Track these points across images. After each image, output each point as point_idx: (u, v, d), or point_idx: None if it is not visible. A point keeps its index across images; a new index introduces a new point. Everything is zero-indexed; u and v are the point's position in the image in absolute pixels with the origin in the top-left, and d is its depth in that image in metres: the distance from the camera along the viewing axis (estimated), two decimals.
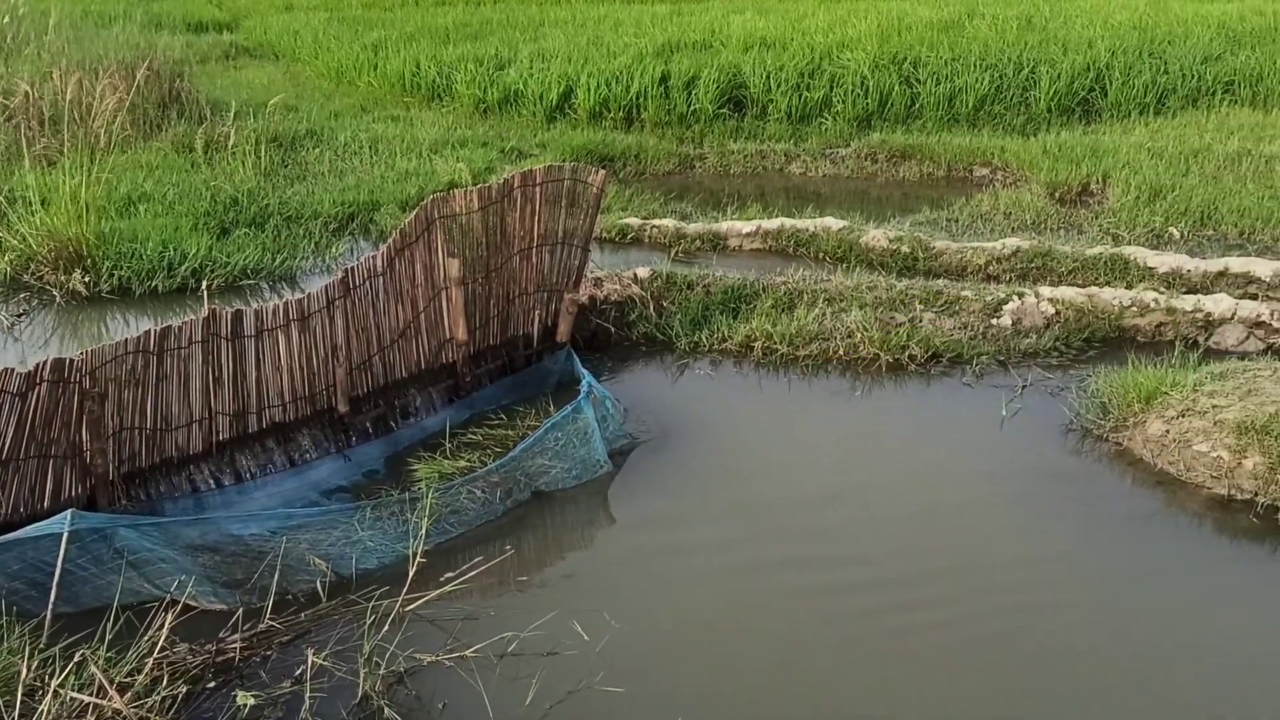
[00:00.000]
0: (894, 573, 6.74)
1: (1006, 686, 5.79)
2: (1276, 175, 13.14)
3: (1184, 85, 16.97)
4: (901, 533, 7.16)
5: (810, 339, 9.84)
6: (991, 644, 6.09)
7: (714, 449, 8.30)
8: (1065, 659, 5.95)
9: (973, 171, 15.55)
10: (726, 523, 7.36)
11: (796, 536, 7.16)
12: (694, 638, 6.24)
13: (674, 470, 8.00)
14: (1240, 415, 7.55)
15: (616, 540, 7.38)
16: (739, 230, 12.60)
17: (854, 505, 7.50)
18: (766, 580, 6.72)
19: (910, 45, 18.33)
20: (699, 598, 6.57)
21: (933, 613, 6.34)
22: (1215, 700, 5.61)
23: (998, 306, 10.17)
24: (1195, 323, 9.82)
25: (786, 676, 5.90)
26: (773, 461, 8.14)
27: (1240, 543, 6.94)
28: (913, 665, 5.93)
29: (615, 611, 6.31)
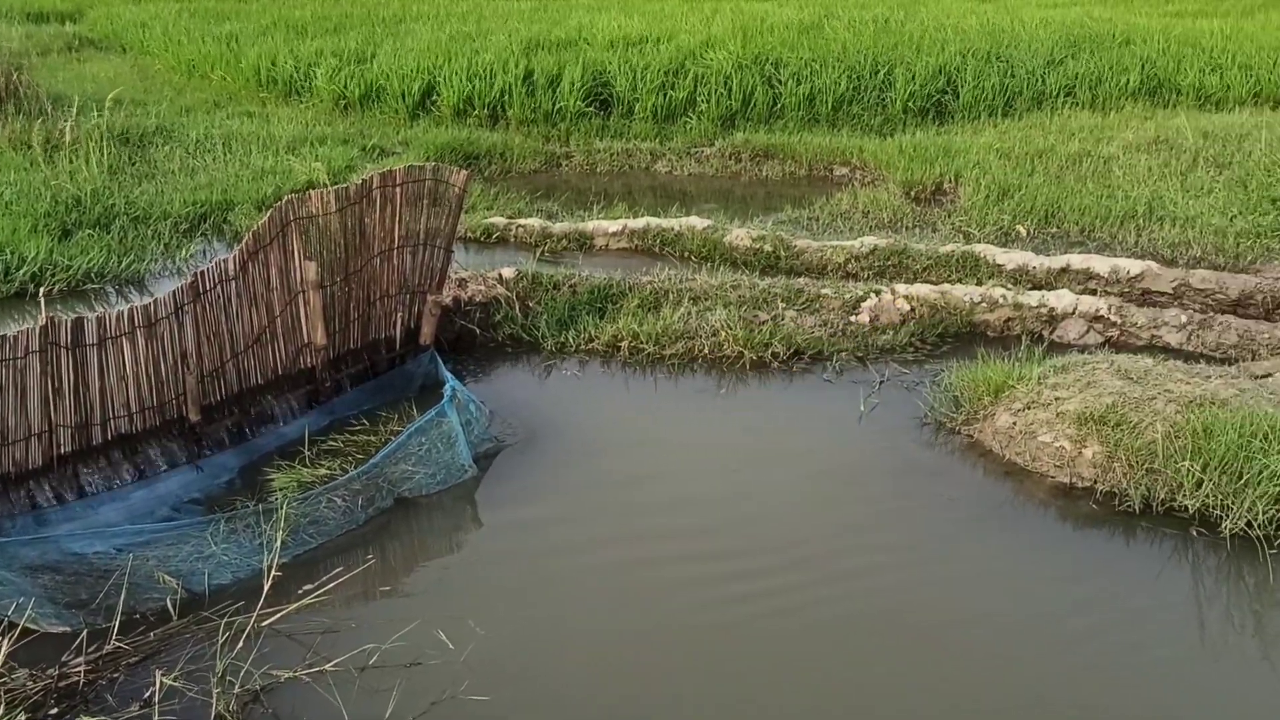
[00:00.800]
0: (759, 564, 6.85)
1: (862, 663, 5.97)
2: (1114, 175, 13.80)
3: (1029, 88, 17.69)
4: (764, 526, 7.29)
5: (676, 338, 9.92)
6: (850, 625, 6.25)
7: (581, 450, 8.29)
8: (915, 637, 6.15)
9: (833, 171, 15.91)
10: (593, 523, 7.37)
11: (664, 534, 7.21)
12: (561, 641, 6.22)
13: (540, 473, 7.96)
14: (1080, 406, 7.91)
15: (482, 546, 7.31)
16: (605, 229, 12.62)
17: (719, 501, 7.59)
18: (634, 579, 6.75)
19: (772, 46, 18.64)
20: (566, 600, 6.56)
21: (795, 599, 6.48)
22: (1049, 673, 5.86)
23: (856, 304, 10.43)
24: (1040, 318, 10.25)
25: (655, 674, 5.94)
26: (639, 461, 8.18)
27: (1081, 528, 7.26)
28: (776, 650, 6.04)
29: (481, 618, 6.24)
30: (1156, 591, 6.60)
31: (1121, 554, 6.99)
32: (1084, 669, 5.94)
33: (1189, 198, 12.83)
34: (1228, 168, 13.58)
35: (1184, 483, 7.19)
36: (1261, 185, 12.80)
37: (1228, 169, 13.55)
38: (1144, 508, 7.27)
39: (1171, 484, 7.25)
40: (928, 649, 6.11)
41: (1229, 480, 7.05)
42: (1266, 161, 13.34)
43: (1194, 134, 14.78)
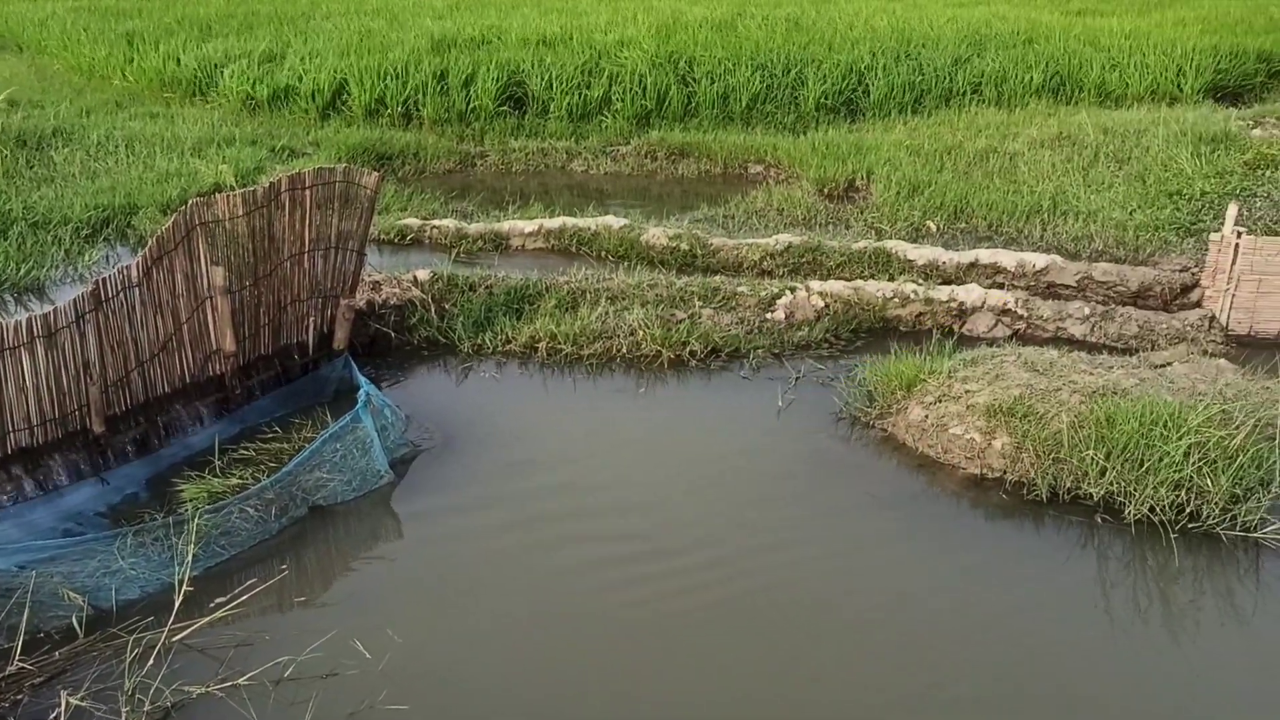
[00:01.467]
0: (681, 563, 6.88)
1: (780, 651, 6.05)
2: (1020, 171, 14.12)
3: (938, 86, 18.01)
4: (684, 524, 7.32)
5: (594, 338, 9.92)
6: (768, 616, 6.34)
7: (500, 453, 8.24)
8: (829, 624, 6.26)
9: (748, 169, 16.02)
10: (513, 526, 7.32)
11: (585, 537, 7.20)
12: (482, 645, 6.18)
13: (459, 477, 7.90)
14: (989, 399, 8.09)
15: (400, 552, 7.22)
16: (521, 230, 12.56)
17: (639, 502, 7.60)
18: (555, 581, 6.73)
19: (686, 45, 18.71)
20: (486, 604, 6.51)
21: (717, 595, 6.55)
22: (961, 655, 5.98)
23: (772, 301, 10.53)
24: (950, 312, 10.46)
25: (576, 673, 5.93)
26: (559, 463, 8.15)
27: (992, 518, 7.42)
28: (694, 645, 6.09)
29: (399, 626, 6.17)
30: (1065, 577, 6.77)
31: (1031, 542, 7.16)
32: (994, 652, 6.08)
33: (1091, 192, 13.19)
34: (1127, 163, 13.99)
35: (1089, 471, 7.39)
36: (1159, 180, 13.20)
37: (1127, 164, 13.95)
38: (1051, 496, 7.46)
39: (1077, 473, 7.45)
40: (842, 636, 6.20)
41: (1131, 468, 7.27)
42: (1163, 157, 13.77)
43: (1095, 130, 15.18)
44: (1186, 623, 6.33)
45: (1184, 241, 11.78)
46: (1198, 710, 5.65)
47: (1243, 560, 6.80)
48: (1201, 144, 13.94)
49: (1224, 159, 13.44)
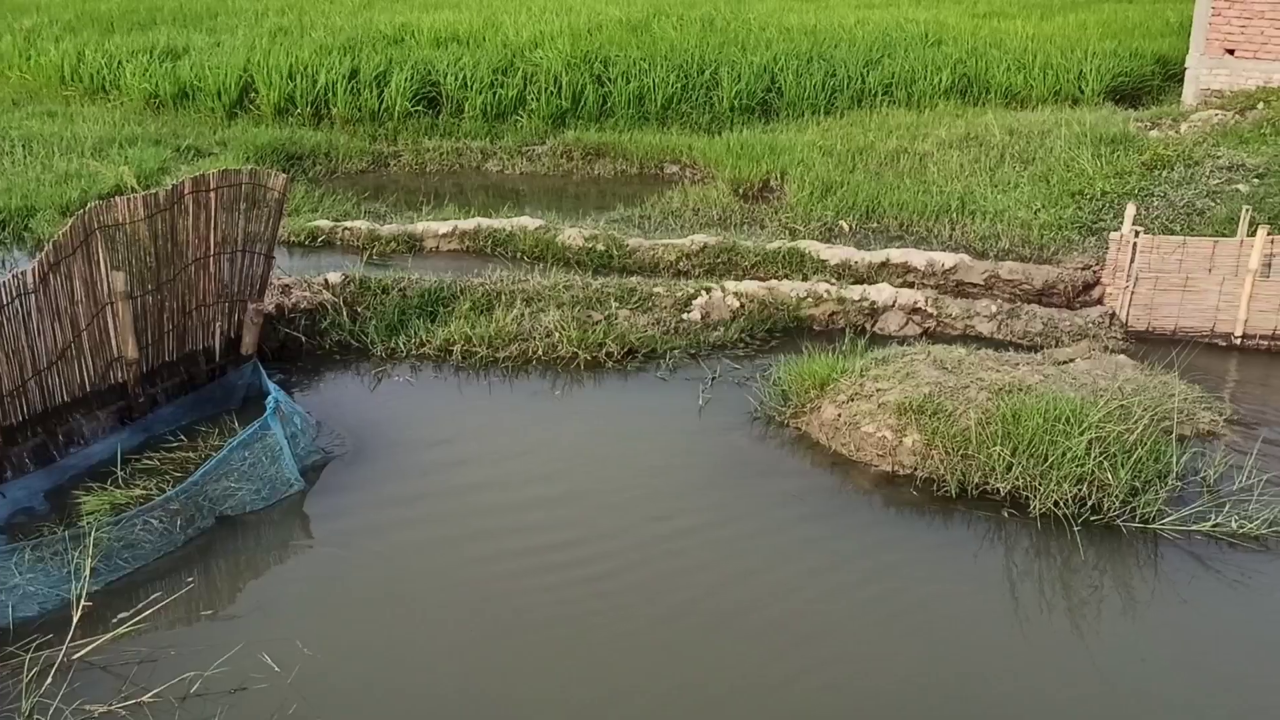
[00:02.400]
0: (598, 568, 6.86)
1: (695, 636, 6.07)
2: (929, 171, 14.38)
3: (849, 87, 18.25)
4: (599, 525, 7.32)
5: (510, 340, 9.86)
6: (684, 608, 6.36)
7: (414, 458, 8.15)
8: (741, 614, 6.28)
9: (664, 169, 16.08)
10: (426, 532, 7.25)
11: (499, 540, 7.16)
12: (393, 655, 6.09)
13: (372, 483, 7.79)
14: (900, 397, 8.22)
15: (311, 562, 7.08)
16: (435, 231, 12.43)
17: (556, 504, 7.58)
18: (468, 586, 6.67)
19: (601, 44, 18.70)
20: (399, 612, 6.43)
21: (633, 596, 6.55)
22: (875, 650, 6.08)
23: (688, 301, 10.57)
24: (862, 311, 10.61)
25: (489, 678, 5.88)
26: (474, 466, 8.09)
27: (903, 515, 7.54)
28: (611, 644, 6.08)
29: (309, 638, 6.07)
30: (973, 571, 6.91)
31: (941, 537, 7.29)
32: (905, 645, 6.18)
33: (998, 192, 13.48)
34: (1032, 163, 14.32)
35: (996, 467, 7.56)
36: (1062, 180, 13.55)
37: (1032, 165, 14.28)
38: (960, 492, 7.61)
39: (985, 468, 7.61)
40: (758, 633, 6.25)
41: (1036, 463, 7.45)
42: (1066, 157, 14.13)
43: (1001, 131, 15.51)
44: (1088, 613, 6.51)
45: (1086, 240, 12.10)
46: (1096, 697, 5.80)
47: (1142, 551, 7.01)
48: (1102, 145, 14.33)
49: (1123, 159, 13.84)
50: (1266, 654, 6.11)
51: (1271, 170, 12.98)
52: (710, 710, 5.76)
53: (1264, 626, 6.32)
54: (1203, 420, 8.48)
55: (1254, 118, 14.99)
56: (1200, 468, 7.74)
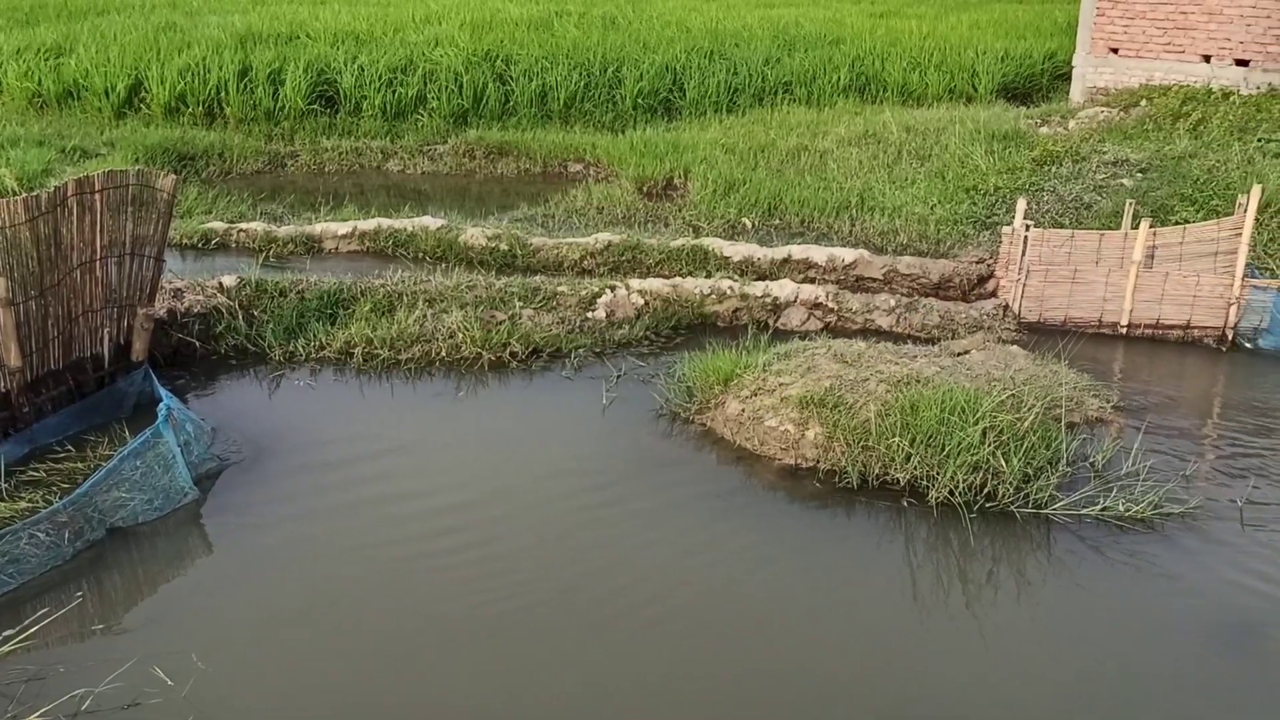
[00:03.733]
0: (502, 567, 6.80)
1: (601, 635, 6.07)
2: (829, 168, 14.60)
3: (751, 85, 18.45)
4: (503, 525, 7.26)
5: (412, 341, 9.74)
6: (589, 607, 6.33)
7: (313, 463, 8.00)
8: (647, 610, 6.29)
9: (567, 167, 16.04)
10: (326, 539, 7.10)
11: (404, 546, 7.04)
12: (290, 665, 5.97)
13: (269, 490, 7.62)
14: (802, 391, 8.32)
15: (206, 572, 6.89)
16: (334, 232, 12.21)
17: (460, 506, 7.50)
18: (370, 594, 6.56)
19: (502, 42, 18.59)
20: (297, 623, 6.29)
21: (538, 595, 6.49)
22: (777, 644, 6.15)
23: (592, 300, 10.56)
24: (765, 307, 10.72)
25: (395, 684, 5.80)
26: (376, 471, 7.96)
27: (807, 507, 7.63)
28: (517, 646, 6.03)
29: (205, 650, 5.90)
30: (874, 560, 7.02)
31: (843, 528, 7.39)
32: (806, 635, 6.26)
33: (896, 189, 13.75)
34: (928, 160, 14.64)
35: (895, 457, 7.70)
36: (957, 176, 13.87)
37: (928, 161, 14.60)
38: (861, 483, 7.73)
39: (885, 459, 7.75)
40: (664, 629, 6.27)
41: (933, 453, 7.61)
42: (960, 154, 14.47)
43: (899, 129, 15.82)
44: (984, 597, 6.67)
45: (980, 235, 12.42)
46: (992, 680, 5.95)
47: (1035, 536, 7.21)
48: (995, 141, 14.71)
49: (1014, 156, 14.23)
50: (1153, 631, 6.33)
51: (1154, 165, 13.47)
52: (623, 707, 5.75)
53: (1151, 605, 6.54)
54: (1091, 407, 8.76)
55: (1137, 114, 15.54)
56: (1089, 453, 7.99)
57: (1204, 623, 6.38)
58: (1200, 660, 6.11)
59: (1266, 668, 6.07)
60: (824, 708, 5.76)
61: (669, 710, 5.73)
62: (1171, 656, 6.15)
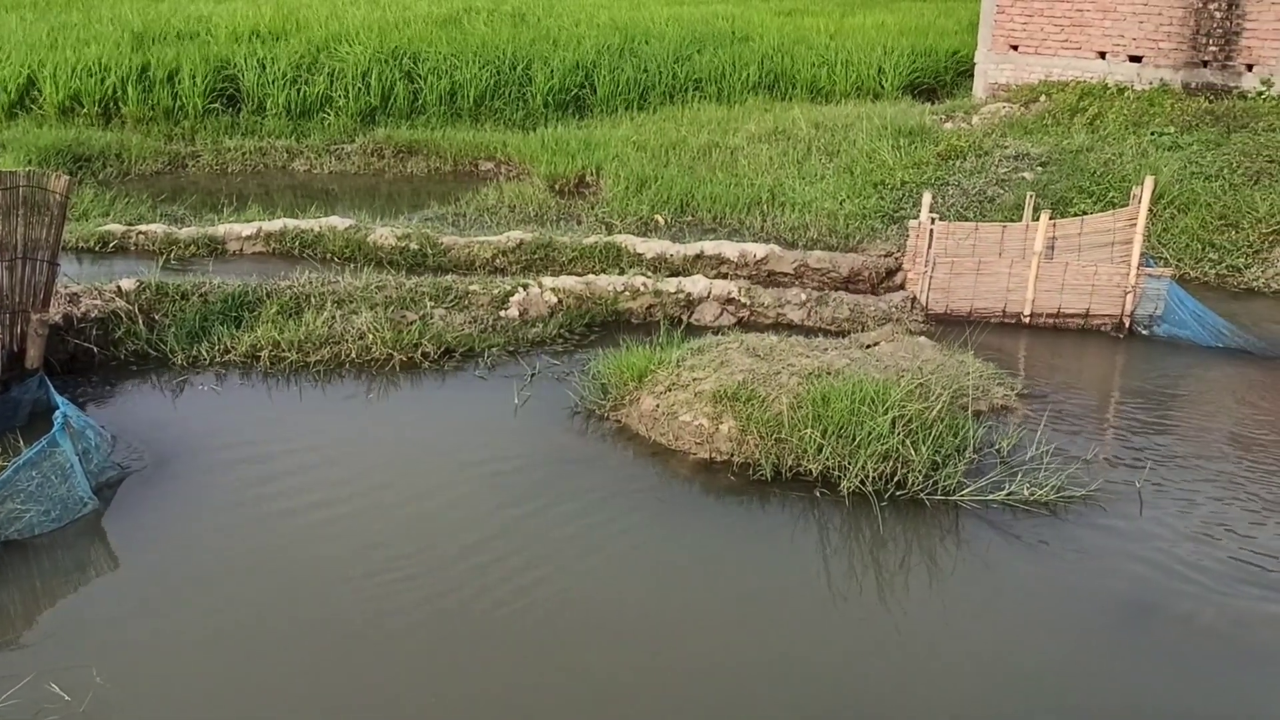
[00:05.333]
0: (413, 568, 6.70)
1: (522, 635, 6.01)
2: (740, 165, 14.72)
3: (661, 83, 18.51)
4: (413, 526, 7.16)
5: (321, 343, 9.57)
6: (506, 607, 6.28)
7: (217, 468, 7.80)
8: (567, 609, 6.27)
9: (478, 166, 15.92)
10: (232, 547, 6.92)
11: (308, 544, 6.91)
12: (194, 676, 5.80)
13: (172, 497, 7.41)
14: (715, 385, 8.36)
15: (106, 585, 6.67)
16: (238, 233, 11.94)
17: (370, 508, 7.37)
18: (275, 600, 6.41)
19: (409, 40, 18.37)
20: (201, 634, 6.12)
21: (452, 599, 6.42)
22: (692, 637, 6.17)
23: (505, 299, 10.49)
24: (678, 303, 10.75)
25: (306, 692, 5.68)
26: (285, 476, 7.79)
27: (721, 500, 7.67)
28: (428, 650, 5.95)
29: (105, 665, 5.71)
30: (788, 551, 7.08)
31: (758, 519, 7.44)
32: (722, 628, 6.29)
33: (805, 184, 13.91)
34: (837, 155, 14.85)
35: (808, 449, 7.77)
36: (865, 171, 14.10)
37: (837, 157, 14.81)
38: (775, 475, 7.79)
39: (797, 451, 7.82)
40: (583, 627, 6.25)
41: (844, 443, 7.70)
42: (868, 149, 14.71)
43: (808, 125, 16.02)
44: (896, 584, 6.77)
45: (888, 228, 12.63)
46: (905, 663, 6.04)
47: (944, 522, 7.34)
48: (901, 137, 14.99)
49: (920, 151, 14.50)
50: (1057, 612, 6.49)
51: (1053, 159, 13.85)
52: (533, 706, 5.71)
53: (1055, 585, 6.71)
54: (996, 395, 8.96)
55: (1037, 110, 15.95)
56: (995, 440, 8.16)
57: (1105, 600, 6.56)
58: (1102, 636, 6.28)
59: (1163, 640, 6.27)
60: (739, 700, 5.78)
61: (580, 708, 5.70)
62: (1075, 633, 6.30)
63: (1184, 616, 6.40)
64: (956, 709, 5.72)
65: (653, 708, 5.72)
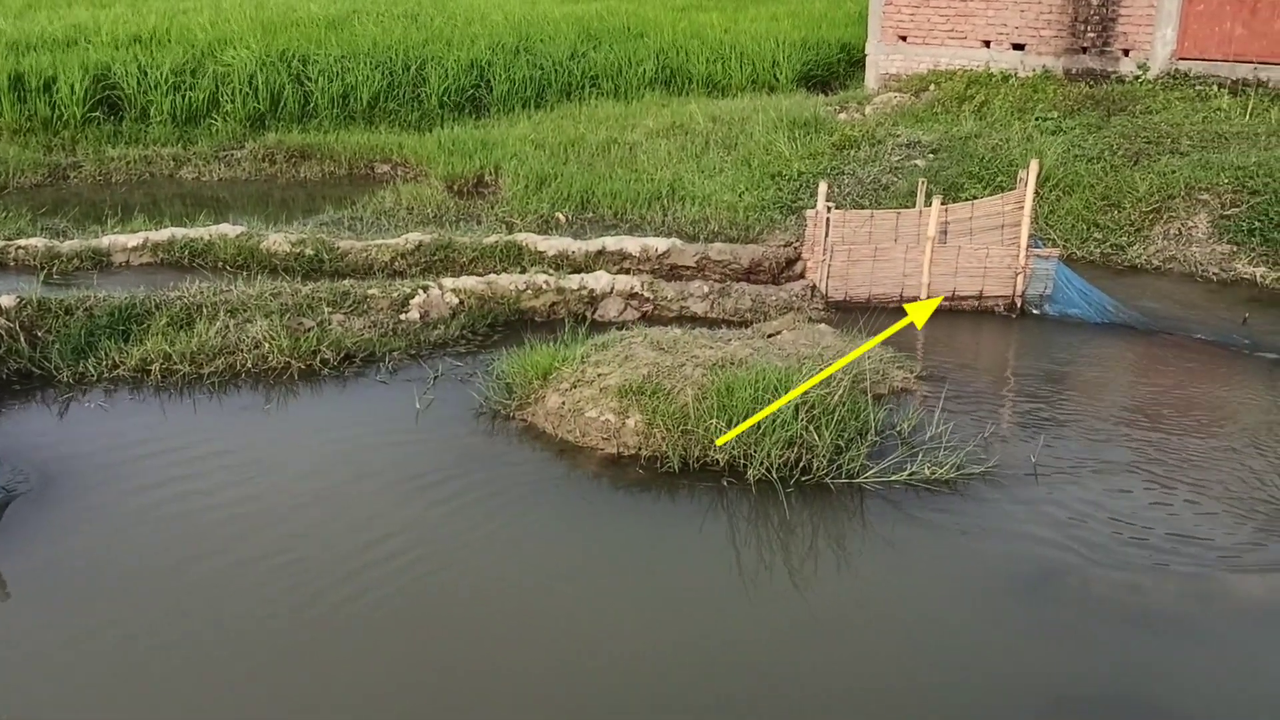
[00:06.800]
0: (328, 579, 6.57)
1: (434, 635, 5.94)
2: (639, 160, 14.73)
3: (558, 80, 18.45)
4: (328, 536, 7.00)
5: (214, 354, 9.32)
6: (418, 609, 6.19)
7: (108, 487, 7.54)
8: (479, 609, 6.20)
9: (374, 168, 15.68)
10: (124, 566, 6.70)
11: (214, 567, 6.71)
12: (89, 703, 5.60)
13: (60, 520, 7.13)
14: (620, 380, 8.35)
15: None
16: (124, 244, 11.56)
17: (279, 521, 7.19)
18: (173, 622, 6.22)
19: (298, 42, 18.00)
20: (93, 658, 5.91)
21: (368, 600, 6.30)
22: (609, 633, 6.17)
23: (405, 301, 10.34)
24: (582, 299, 10.72)
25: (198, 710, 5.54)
26: (182, 491, 7.55)
27: (630, 494, 7.66)
28: (342, 659, 5.84)
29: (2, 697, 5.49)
30: (698, 540, 7.11)
31: (667, 511, 7.45)
32: (634, 620, 6.29)
33: (704, 178, 13.99)
34: (734, 149, 14.96)
35: (714, 439, 7.80)
36: (762, 163, 14.23)
37: (734, 150, 14.92)
38: (683, 467, 7.81)
39: (704, 442, 7.85)
40: (497, 626, 6.19)
41: (749, 432, 7.75)
42: (765, 141, 14.85)
43: (705, 119, 16.12)
44: (805, 568, 6.84)
45: (787, 219, 12.77)
46: (819, 645, 6.11)
47: (849, 505, 7.45)
48: (797, 129, 15.17)
49: (816, 142, 14.70)
50: (961, 585, 6.63)
51: (944, 146, 14.15)
52: (437, 703, 5.64)
53: (958, 560, 6.85)
54: (896, 378, 9.12)
55: (927, 99, 16.29)
56: (896, 422, 8.30)
57: (1006, 572, 6.73)
58: (1005, 606, 6.44)
59: (1060, 609, 6.45)
60: (652, 692, 5.78)
61: (489, 705, 5.65)
62: (980, 605, 6.45)
63: (1079, 584, 6.60)
64: (870, 684, 5.81)
65: (568, 703, 5.68)
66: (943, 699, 5.72)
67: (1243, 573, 6.69)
